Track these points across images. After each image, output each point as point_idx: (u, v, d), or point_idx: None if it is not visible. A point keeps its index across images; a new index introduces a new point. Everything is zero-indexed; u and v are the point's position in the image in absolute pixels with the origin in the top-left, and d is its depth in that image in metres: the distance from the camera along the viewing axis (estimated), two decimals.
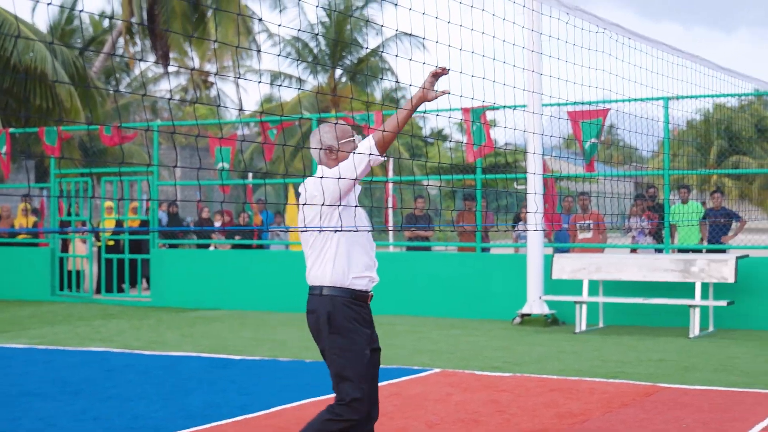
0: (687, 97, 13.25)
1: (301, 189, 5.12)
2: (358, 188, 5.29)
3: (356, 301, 5.13)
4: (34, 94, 24.61)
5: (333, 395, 5.10)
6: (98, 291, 19.34)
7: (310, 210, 5.06)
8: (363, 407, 5.01)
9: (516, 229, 16.27)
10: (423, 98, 4.88)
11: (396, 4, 4.11)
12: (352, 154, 4.98)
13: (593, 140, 14.28)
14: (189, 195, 37.13)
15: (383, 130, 4.88)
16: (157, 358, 11.16)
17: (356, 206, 5.20)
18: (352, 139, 5.19)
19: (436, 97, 4.86)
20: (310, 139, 5.26)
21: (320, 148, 5.15)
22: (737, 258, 13.03)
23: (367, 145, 4.93)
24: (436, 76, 4.84)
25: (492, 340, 12.60)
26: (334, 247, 5.09)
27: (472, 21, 4.30)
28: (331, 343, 5.08)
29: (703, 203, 17.06)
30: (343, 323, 5.08)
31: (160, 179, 19.09)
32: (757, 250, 14.56)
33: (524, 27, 4.43)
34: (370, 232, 5.27)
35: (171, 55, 36.45)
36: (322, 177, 4.94)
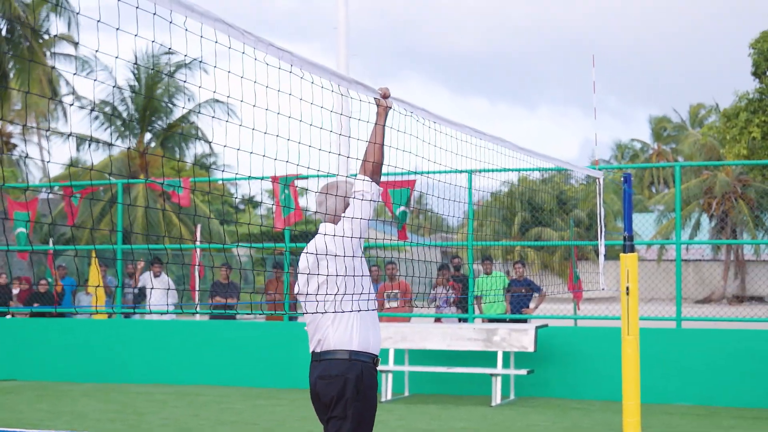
0: (489, 170, 13.70)
1: (303, 260, 5.07)
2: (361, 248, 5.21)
3: (375, 366, 5.11)
4: None
5: None
6: None
7: (329, 267, 4.96)
8: None
9: None
10: (385, 108, 5.05)
11: (200, 82, 4.12)
12: (353, 199, 5.01)
13: (403, 208, 14.56)
14: None
15: (366, 160, 5.01)
16: None
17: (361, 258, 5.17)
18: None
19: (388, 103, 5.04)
20: (321, 196, 5.27)
21: (341, 196, 5.17)
22: (537, 327, 13.45)
23: (360, 186, 5.01)
24: (384, 97, 5.02)
25: (296, 409, 12.54)
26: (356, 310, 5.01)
27: (278, 103, 4.35)
28: (354, 409, 4.98)
29: (507, 273, 17.57)
30: (368, 389, 5.05)
31: None
32: (556, 319, 15.06)
33: (332, 111, 4.52)
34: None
35: None
36: (333, 233, 5.00)
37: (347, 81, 4.50)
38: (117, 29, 3.37)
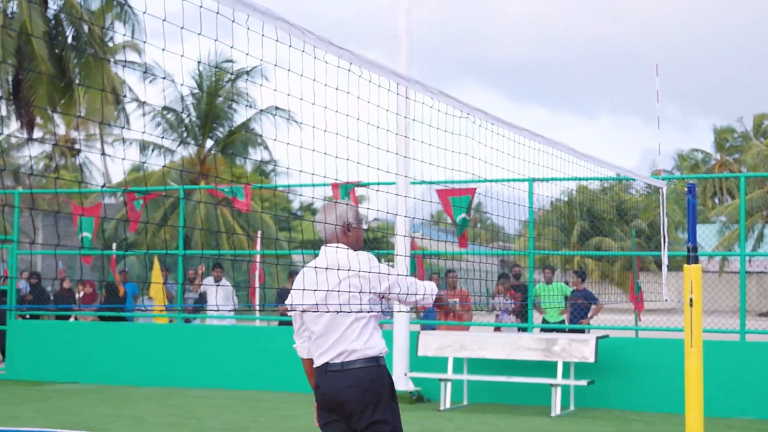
0: (550, 179, 13.61)
1: (332, 256, 5.21)
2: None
3: None
4: None
5: None
6: None
7: (359, 281, 5.12)
8: None
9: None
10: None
11: (261, 84, 4.11)
12: (407, 280, 5.25)
13: (463, 215, 14.48)
14: (50, 264, 36.19)
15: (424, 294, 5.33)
16: None
17: None
18: (362, 224, 5.44)
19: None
20: (323, 212, 5.40)
21: (336, 224, 5.33)
22: (597, 338, 13.31)
23: (424, 290, 5.31)
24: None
25: None
26: (375, 318, 5.23)
27: (336, 102, 4.33)
28: (392, 412, 5.14)
29: (567, 283, 17.43)
30: (394, 392, 5.25)
31: (19, 248, 18.55)
32: (617, 330, 14.89)
33: (387, 110, 4.52)
34: None
35: (37, 120, 35.78)
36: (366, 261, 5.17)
37: (406, 80, 4.46)
38: (182, 28, 3.37)
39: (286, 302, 5.36)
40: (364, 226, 5.46)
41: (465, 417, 12.70)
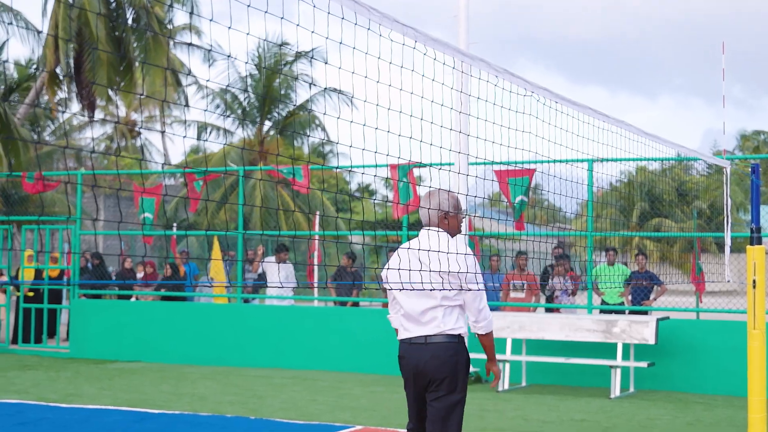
0: (611, 159, 13.48)
1: (424, 240, 5.61)
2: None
3: None
4: None
5: None
6: (14, 341, 18.92)
7: (447, 264, 5.46)
8: None
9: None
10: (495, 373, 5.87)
11: (327, 63, 4.11)
12: (478, 293, 5.57)
13: (521, 197, 14.40)
14: (112, 245, 36.64)
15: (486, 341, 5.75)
16: (73, 411, 10.92)
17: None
18: (462, 211, 5.77)
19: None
20: (426, 199, 5.72)
21: (437, 210, 5.66)
22: (658, 320, 13.19)
23: (486, 317, 5.70)
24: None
25: None
26: (460, 303, 5.63)
27: (401, 80, 4.32)
28: (464, 387, 5.59)
29: (625, 263, 17.29)
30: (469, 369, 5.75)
31: (82, 228, 18.80)
32: (678, 312, 14.75)
33: (449, 87, 4.53)
34: None
35: (97, 102, 36.15)
36: (466, 271, 5.53)
37: (471, 58, 4.44)
38: (248, 5, 3.38)
39: (382, 277, 5.79)
40: (462, 215, 5.76)
41: (524, 398, 12.67)
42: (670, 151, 11.18)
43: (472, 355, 13.77)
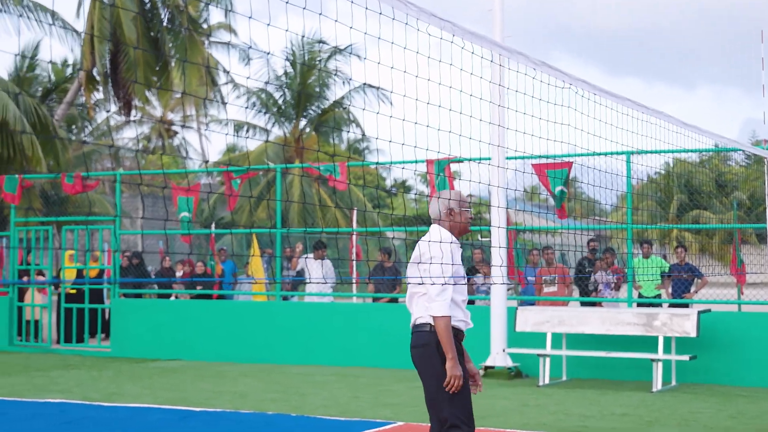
0: (649, 152, 13.38)
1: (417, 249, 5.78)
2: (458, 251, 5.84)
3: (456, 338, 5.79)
4: None
5: None
6: (57, 341, 19.10)
7: (419, 254, 5.70)
8: None
9: (475, 282, 16.25)
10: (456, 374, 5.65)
11: (365, 58, 4.11)
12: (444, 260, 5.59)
13: (561, 187, 14.32)
14: (151, 244, 36.87)
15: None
16: (116, 410, 11.00)
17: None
18: (469, 208, 5.89)
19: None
20: (432, 200, 5.92)
21: (441, 208, 5.83)
22: (699, 312, 13.08)
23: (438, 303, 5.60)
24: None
25: None
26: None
27: (439, 74, 4.31)
28: (434, 369, 5.73)
29: (664, 256, 17.17)
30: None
31: (121, 228, 18.93)
32: (719, 304, 14.63)
33: (488, 80, 4.52)
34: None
35: (134, 103, 36.36)
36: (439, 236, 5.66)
37: (508, 51, 4.41)
38: (286, 2, 3.38)
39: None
40: (468, 214, 5.86)
41: (565, 393, 12.61)
42: (708, 142, 11.09)
43: (510, 350, 13.78)
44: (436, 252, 5.57)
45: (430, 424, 5.97)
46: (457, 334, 5.78)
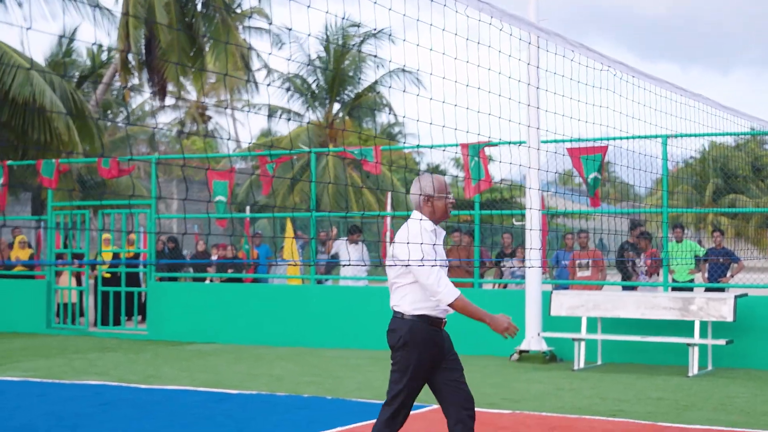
0: (685, 135, 13.29)
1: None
2: (442, 233, 5.88)
3: (431, 325, 5.93)
4: (32, 127, 24.59)
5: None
6: (94, 324, 19.27)
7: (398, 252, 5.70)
8: None
9: (504, 265, 16.22)
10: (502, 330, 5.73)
11: (404, 40, 4.11)
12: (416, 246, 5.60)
13: (595, 174, 14.25)
14: (185, 228, 37.04)
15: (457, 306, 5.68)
16: (153, 392, 11.09)
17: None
18: (448, 194, 5.81)
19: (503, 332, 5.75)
20: (415, 183, 5.87)
21: (419, 194, 5.80)
22: (736, 297, 13.00)
23: (441, 292, 5.62)
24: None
25: (489, 376, 12.54)
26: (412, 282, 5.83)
27: (477, 56, 4.30)
28: (401, 357, 6.13)
29: (699, 242, 17.08)
30: (414, 343, 6.03)
31: (156, 212, 19.06)
32: (756, 289, 14.53)
33: (524, 62, 4.51)
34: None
35: (168, 88, 36.51)
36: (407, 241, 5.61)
37: (546, 33, 4.40)
38: None
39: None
40: (450, 198, 5.80)
41: (600, 377, 12.59)
42: (744, 125, 11.00)
43: (545, 334, 13.76)
44: (415, 250, 5.57)
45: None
46: (439, 323, 5.89)
